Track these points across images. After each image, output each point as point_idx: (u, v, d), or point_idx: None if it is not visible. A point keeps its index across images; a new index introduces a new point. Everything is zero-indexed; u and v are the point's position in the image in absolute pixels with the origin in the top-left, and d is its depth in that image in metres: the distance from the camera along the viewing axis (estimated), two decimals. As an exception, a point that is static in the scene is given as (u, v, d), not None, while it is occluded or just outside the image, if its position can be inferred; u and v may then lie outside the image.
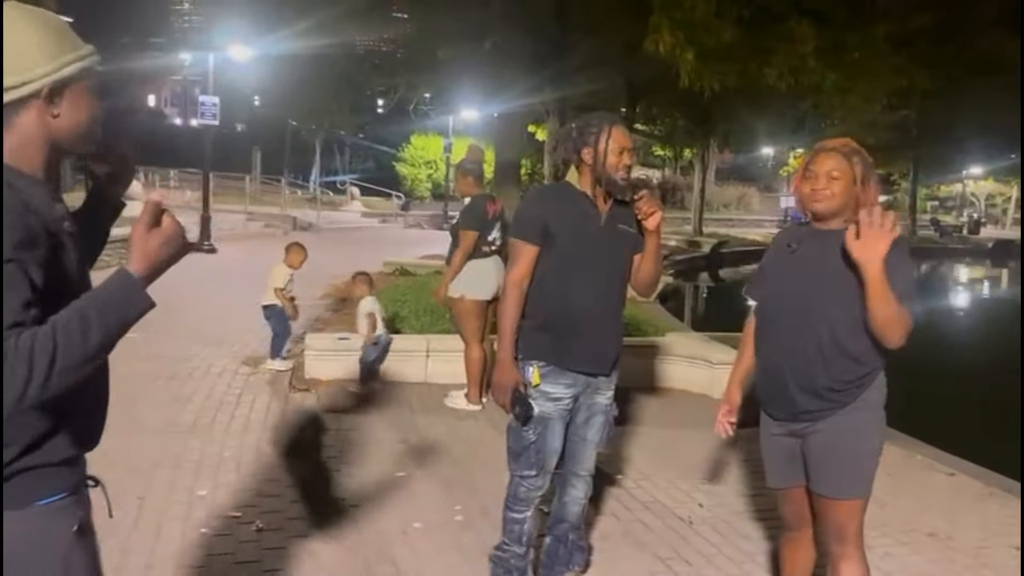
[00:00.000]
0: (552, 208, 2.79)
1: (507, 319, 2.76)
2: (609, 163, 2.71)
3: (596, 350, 2.79)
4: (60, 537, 1.48)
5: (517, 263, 2.78)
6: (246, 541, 3.37)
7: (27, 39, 1.34)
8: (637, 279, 2.91)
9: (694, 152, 26.56)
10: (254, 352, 6.63)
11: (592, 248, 2.76)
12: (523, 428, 2.76)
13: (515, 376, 2.74)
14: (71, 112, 1.42)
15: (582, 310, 2.74)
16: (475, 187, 5.48)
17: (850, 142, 2.43)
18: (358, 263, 11.85)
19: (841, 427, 2.38)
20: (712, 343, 6.54)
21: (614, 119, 2.83)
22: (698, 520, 3.83)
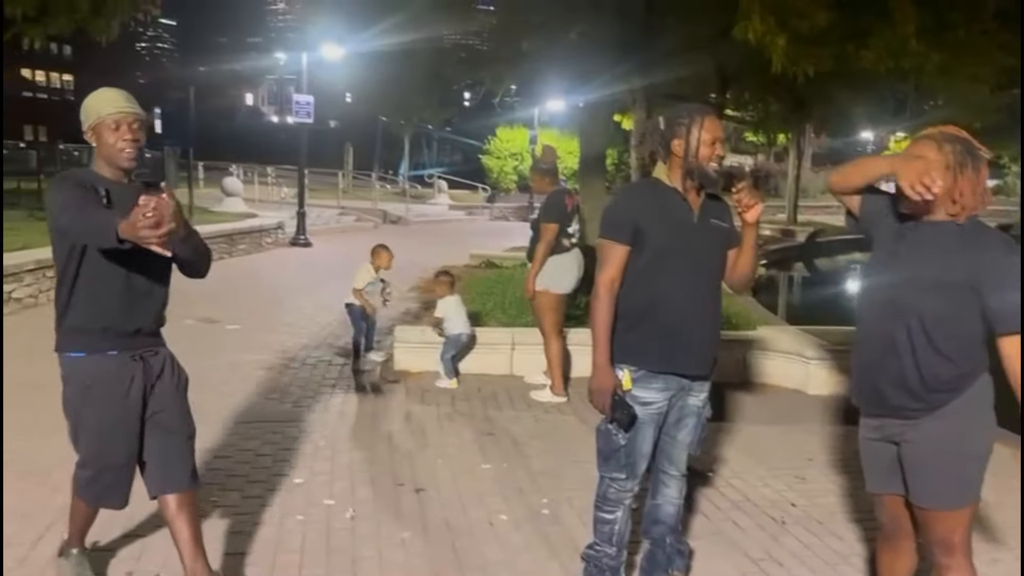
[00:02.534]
0: (642, 206, 2.70)
1: (600, 322, 2.68)
2: (702, 154, 2.62)
3: (691, 352, 2.70)
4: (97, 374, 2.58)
5: (608, 264, 2.70)
6: (340, 528, 3.48)
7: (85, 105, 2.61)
8: (733, 275, 2.80)
9: (788, 138, 25.68)
10: (347, 344, 6.82)
11: (685, 245, 2.66)
12: (613, 431, 2.71)
13: (613, 380, 2.67)
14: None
15: (676, 311, 2.66)
16: (550, 185, 5.63)
17: (948, 129, 2.30)
18: (446, 256, 12.05)
19: (940, 433, 2.27)
20: (807, 337, 6.34)
21: (705, 109, 2.75)
22: (791, 520, 3.73)
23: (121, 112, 2.55)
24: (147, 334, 2.67)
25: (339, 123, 36.13)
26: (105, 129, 2.54)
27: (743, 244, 2.75)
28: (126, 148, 2.54)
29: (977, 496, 2.31)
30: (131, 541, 3.27)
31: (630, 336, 2.70)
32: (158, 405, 2.69)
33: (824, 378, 5.84)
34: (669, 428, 2.82)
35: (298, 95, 15.67)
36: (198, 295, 9.24)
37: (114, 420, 2.59)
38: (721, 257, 2.78)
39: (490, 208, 27.55)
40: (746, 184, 2.63)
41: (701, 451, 2.97)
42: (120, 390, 2.58)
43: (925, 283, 2.23)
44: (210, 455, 4.27)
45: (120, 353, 2.58)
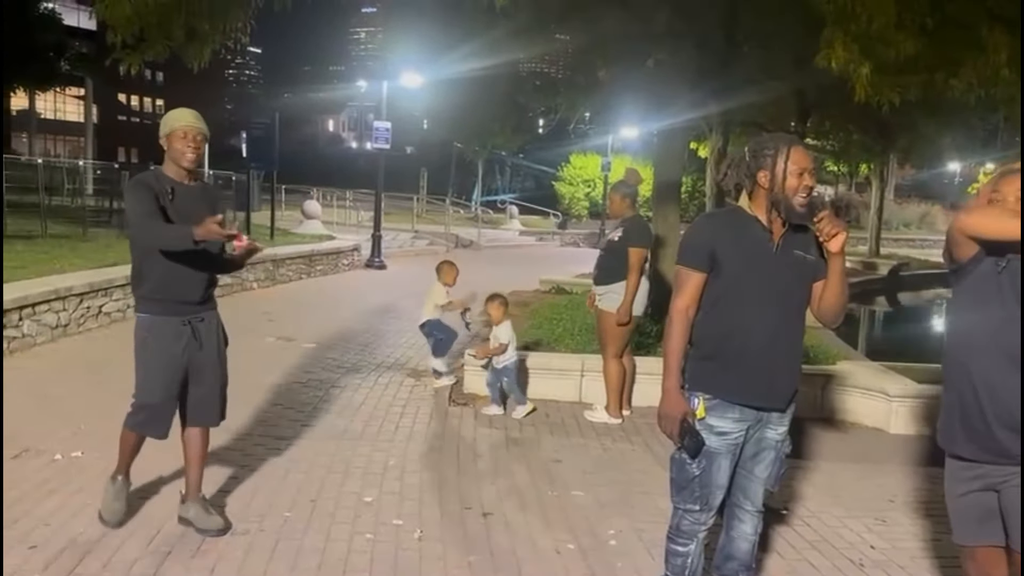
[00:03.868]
0: (720, 234, 2.66)
1: (673, 347, 2.66)
2: (789, 186, 2.56)
3: (767, 383, 2.63)
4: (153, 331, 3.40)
5: (683, 291, 2.67)
6: (407, 549, 3.49)
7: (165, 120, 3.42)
8: (822, 307, 2.71)
9: (871, 168, 24.97)
10: (418, 366, 6.90)
11: (763, 275, 2.61)
12: (687, 461, 2.66)
13: (682, 406, 2.63)
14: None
15: (753, 341, 2.60)
16: (630, 209, 5.63)
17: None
18: (516, 281, 12.10)
19: None
20: (889, 374, 6.12)
21: (792, 139, 2.69)
22: (869, 563, 3.58)
23: (190, 125, 3.38)
24: (196, 303, 3.47)
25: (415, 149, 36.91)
26: (176, 138, 3.37)
27: (830, 275, 2.65)
28: (188, 153, 3.38)
29: None
30: (207, 551, 3.35)
31: (706, 364, 2.66)
32: (201, 362, 3.49)
33: (907, 417, 5.62)
34: (745, 462, 2.76)
35: (377, 122, 16.05)
36: (278, 314, 9.55)
37: (160, 367, 3.40)
38: (805, 289, 2.70)
39: (561, 234, 27.57)
40: (828, 212, 2.55)
41: (777, 488, 2.88)
42: (168, 345, 3.39)
43: (1007, 322, 2.15)
44: (283, 470, 4.36)
45: (172, 318, 3.40)
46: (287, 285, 12.29)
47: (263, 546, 3.44)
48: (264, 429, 5.07)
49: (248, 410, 5.40)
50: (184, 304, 3.43)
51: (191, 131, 3.38)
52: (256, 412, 5.43)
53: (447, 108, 28.10)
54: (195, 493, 3.59)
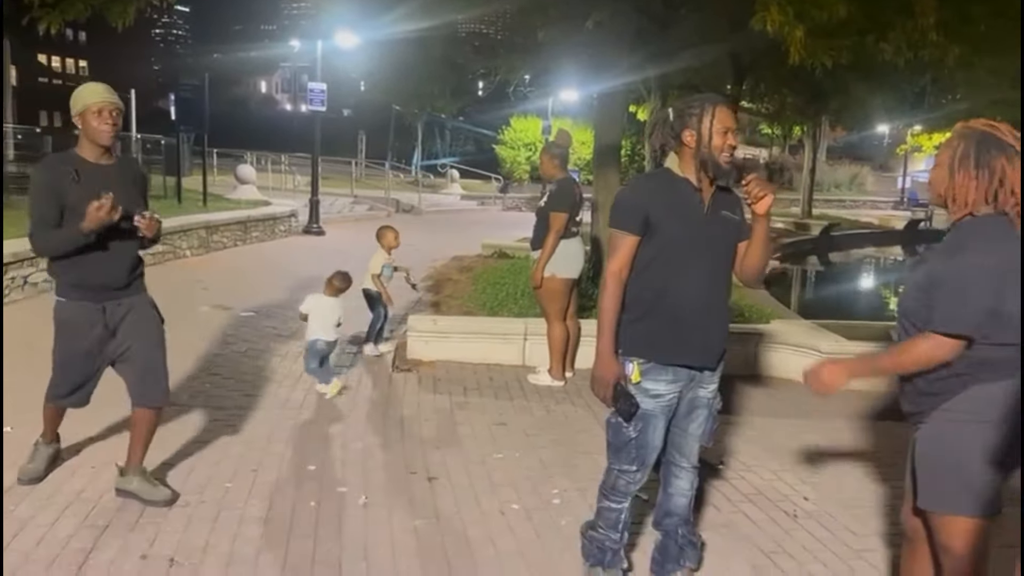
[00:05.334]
0: (652, 196, 2.68)
1: (607, 311, 2.68)
2: (714, 145, 2.59)
3: (700, 343, 2.69)
4: (66, 318, 3.38)
5: (617, 254, 2.68)
6: (352, 515, 3.49)
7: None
8: (744, 267, 2.77)
9: (804, 130, 25.48)
10: (360, 333, 6.84)
11: (695, 237, 2.64)
12: (623, 424, 2.71)
13: (615, 370, 2.66)
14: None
15: (685, 302, 2.64)
16: (560, 170, 5.66)
17: (973, 123, 2.25)
18: (458, 245, 12.06)
19: (927, 435, 2.28)
20: (820, 331, 6.32)
21: (716, 98, 2.71)
22: (803, 514, 3.72)
23: (104, 101, 3.24)
24: (117, 289, 3.39)
25: (353, 112, 36.17)
26: (90, 115, 3.24)
27: (753, 236, 2.71)
28: (105, 130, 3.25)
29: (979, 510, 2.22)
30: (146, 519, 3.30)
31: (639, 327, 2.69)
32: (127, 346, 3.44)
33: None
34: (680, 420, 2.82)
35: (312, 83, 15.66)
36: (212, 282, 9.32)
37: (73, 351, 3.39)
38: (731, 249, 2.75)
39: (502, 198, 27.53)
40: (756, 175, 2.60)
41: (712, 444, 2.96)
42: (79, 335, 3.37)
43: (911, 284, 2.28)
44: (224, 441, 4.30)
45: (89, 304, 3.35)
46: (221, 252, 12.01)
47: (204, 517, 3.40)
48: (203, 400, 4.98)
49: (185, 380, 5.29)
50: (103, 290, 3.36)
51: (106, 107, 3.24)
52: (194, 382, 5.33)
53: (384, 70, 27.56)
54: (137, 466, 3.53)
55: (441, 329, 6.23)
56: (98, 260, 3.28)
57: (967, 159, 2.18)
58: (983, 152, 2.18)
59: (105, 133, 3.26)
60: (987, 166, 2.17)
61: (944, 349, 2.15)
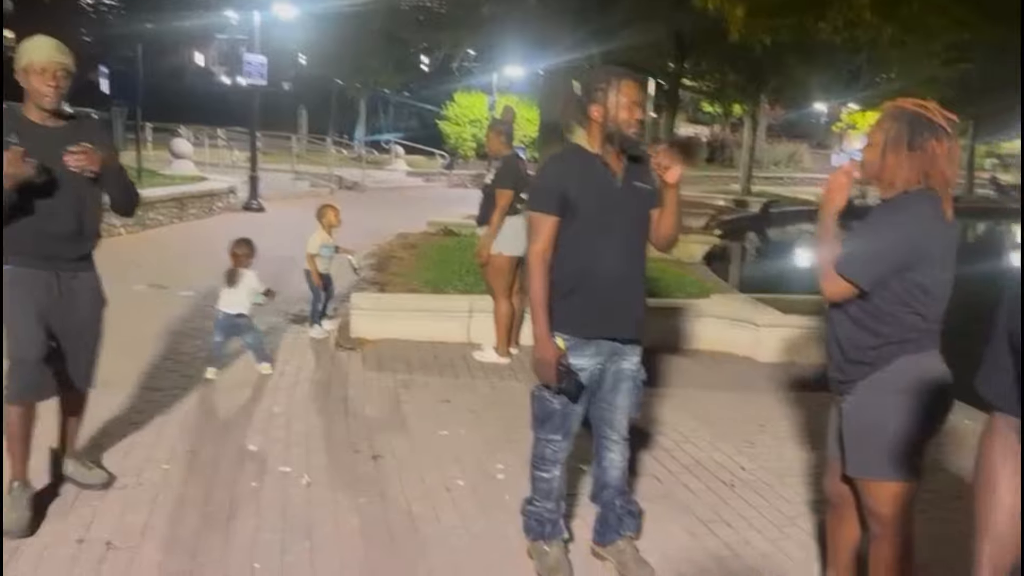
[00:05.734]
0: (568, 176, 2.69)
1: (538, 294, 2.69)
2: (621, 119, 2.62)
3: (620, 316, 2.75)
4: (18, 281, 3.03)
5: (539, 236, 2.69)
6: (295, 495, 3.47)
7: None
8: (657, 234, 2.83)
9: (744, 108, 25.88)
10: (302, 311, 6.75)
11: (611, 211, 2.69)
12: (548, 396, 2.77)
13: (556, 350, 2.69)
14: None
15: (604, 277, 2.69)
16: (506, 147, 5.67)
17: (904, 102, 2.31)
18: (403, 223, 11.94)
19: (855, 404, 2.36)
20: (758, 305, 6.46)
21: (622, 72, 2.73)
22: (740, 483, 3.83)
23: (49, 61, 2.95)
24: (67, 259, 3.16)
25: (293, 85, 35.36)
26: (33, 74, 2.95)
27: (665, 205, 2.76)
28: (47, 92, 2.96)
29: (905, 475, 2.32)
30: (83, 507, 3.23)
31: (562, 305, 2.72)
32: (71, 322, 3.19)
33: (773, 345, 5.97)
34: (606, 395, 2.87)
35: (249, 55, 15.25)
36: (148, 260, 9.06)
37: (28, 318, 3.03)
38: (646, 219, 2.81)
39: (448, 175, 27.35)
40: (665, 147, 2.65)
41: (640, 415, 3.03)
42: (35, 296, 3.06)
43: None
44: (160, 422, 4.21)
45: (40, 271, 3.08)
46: (157, 230, 11.69)
47: (141, 499, 3.33)
48: (139, 380, 4.86)
49: (121, 361, 5.14)
50: (53, 259, 3.10)
51: (51, 67, 2.94)
52: (130, 363, 5.19)
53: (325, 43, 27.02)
54: (71, 449, 3.44)
55: (385, 307, 6.19)
56: (51, 226, 3.04)
57: (900, 140, 2.23)
58: (916, 134, 2.22)
59: (47, 96, 2.96)
60: (920, 148, 2.22)
61: (836, 288, 2.24)
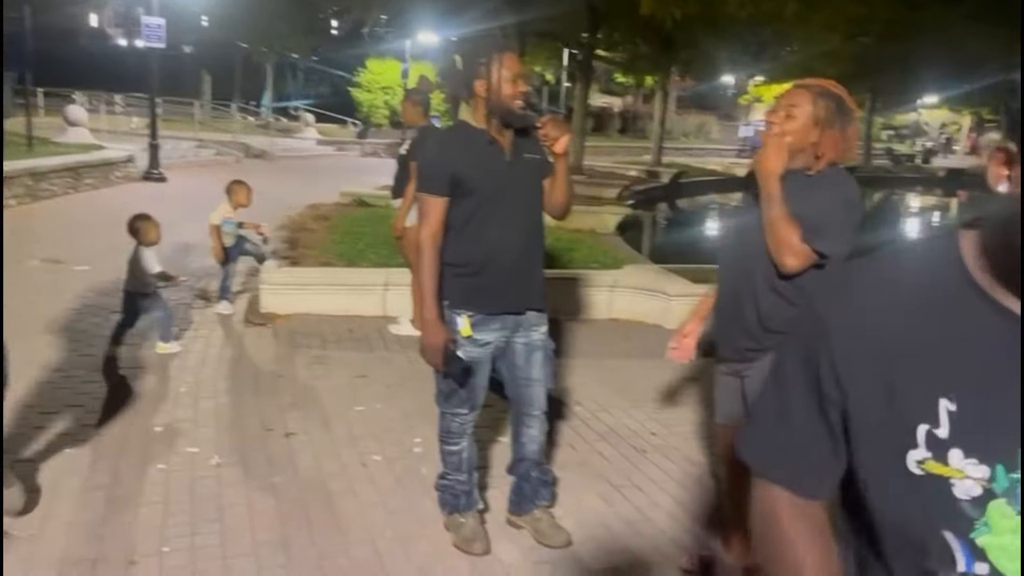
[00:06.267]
0: (455, 155, 2.68)
1: (427, 277, 2.67)
2: (505, 93, 2.61)
3: (524, 288, 2.78)
4: None
5: (429, 218, 2.67)
6: (205, 476, 3.39)
7: None
8: (551, 204, 2.86)
9: (655, 80, 26.24)
10: (208, 285, 6.54)
11: (503, 186, 2.69)
12: (447, 377, 2.79)
13: (443, 335, 2.68)
14: None
15: (505, 252, 2.71)
16: (422, 117, 5.57)
17: (827, 83, 2.39)
18: (314, 193, 11.67)
19: (767, 369, 2.44)
20: (668, 275, 6.62)
21: (503, 45, 2.73)
22: (651, 448, 3.95)
23: None
24: None
25: (195, 49, 33.87)
26: None
27: (556, 175, 2.80)
28: None
29: None
30: None
31: (464, 283, 2.73)
32: None
33: (683, 314, 6.10)
34: (520, 370, 2.89)
35: (147, 17, 14.51)
36: (42, 234, 8.59)
37: None
38: (539, 190, 2.83)
39: (361, 143, 26.82)
40: (550, 117, 2.68)
41: (555, 386, 3.07)
42: None
43: (761, 228, 2.36)
44: (59, 405, 4.03)
45: None
46: (51, 201, 11.08)
47: (43, 485, 3.19)
48: (36, 361, 4.63)
49: (15, 341, 4.88)
50: None
51: None
52: (24, 343, 4.92)
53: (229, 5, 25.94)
54: None
55: (297, 281, 6.07)
56: None
57: (833, 118, 2.33)
58: (843, 114, 2.35)
59: None
60: (845, 127, 2.35)
61: (802, 262, 2.28)
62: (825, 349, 0.94)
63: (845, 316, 0.93)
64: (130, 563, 2.75)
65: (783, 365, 1.05)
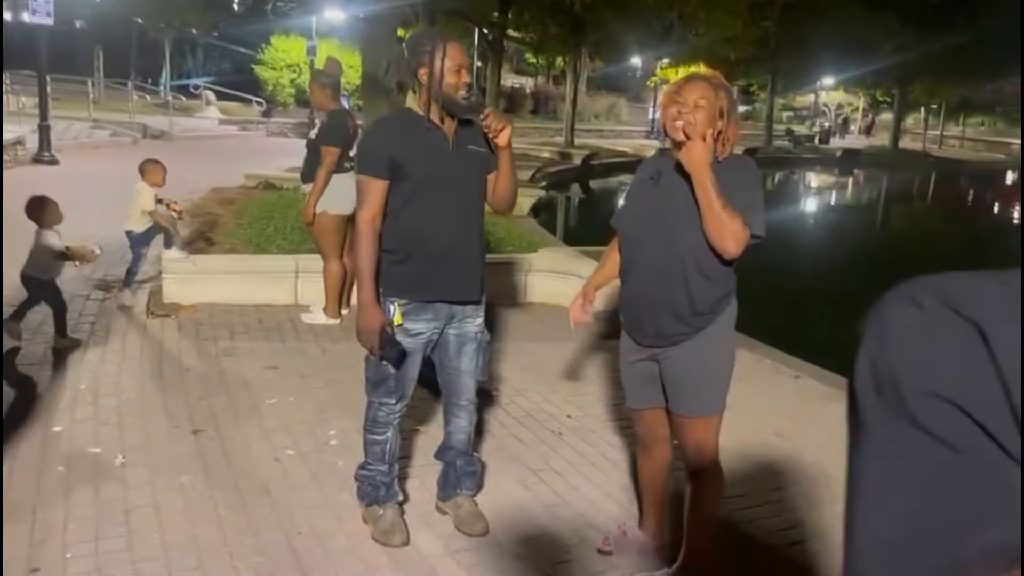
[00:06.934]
0: (395, 139, 2.69)
1: (364, 260, 2.68)
2: (447, 83, 2.62)
3: (457, 279, 2.77)
4: None
5: (368, 200, 2.68)
6: (109, 478, 3.25)
7: None
8: (495, 197, 2.87)
9: (566, 61, 26.40)
10: (106, 276, 6.24)
11: (443, 174, 2.69)
12: (383, 361, 2.76)
13: (380, 318, 2.69)
14: None
15: (440, 240, 2.70)
16: (332, 101, 5.44)
17: (719, 75, 2.50)
18: (218, 176, 11.27)
19: (697, 349, 2.52)
20: (582, 258, 6.69)
21: (446, 35, 2.75)
22: (567, 431, 4.00)
23: None
24: None
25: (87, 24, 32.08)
26: None
27: (500, 168, 2.80)
28: None
29: (724, 404, 2.59)
30: None
31: (398, 269, 2.73)
32: None
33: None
34: (451, 360, 2.90)
35: (33, -11, 13.63)
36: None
37: None
38: (481, 182, 2.83)
39: (266, 123, 26.05)
40: (492, 110, 2.69)
41: (486, 377, 3.07)
42: None
43: (690, 216, 2.40)
44: (-55, 408, 3.78)
45: None
46: None
47: (-74, 498, 2.99)
48: (-86, 362, 4.33)
49: None
50: None
51: None
52: (-99, 343, 4.61)
53: (122, -23, 24.64)
54: None
55: (202, 269, 5.84)
56: None
57: (731, 106, 2.45)
58: (734, 101, 2.49)
59: None
60: (737, 113, 2.51)
61: (743, 243, 2.35)
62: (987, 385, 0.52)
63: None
64: (32, 571, 2.62)
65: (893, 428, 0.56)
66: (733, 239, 2.33)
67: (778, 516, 3.26)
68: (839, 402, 4.61)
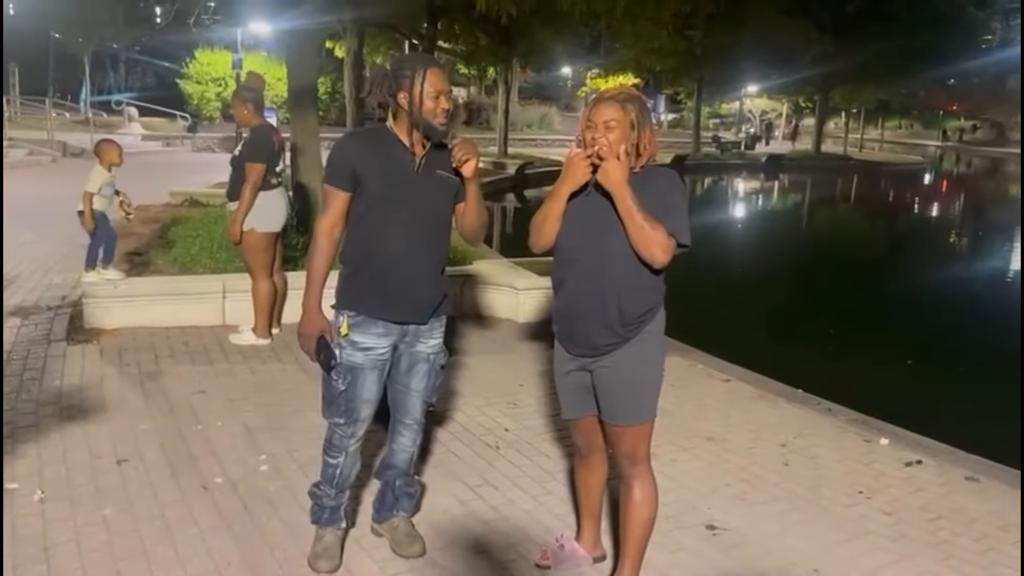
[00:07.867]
0: (361, 153, 2.69)
1: (316, 267, 2.71)
2: (426, 108, 2.62)
3: (407, 300, 2.74)
4: None
5: (328, 210, 2.71)
6: (26, 515, 3.10)
7: None
8: (463, 227, 2.86)
9: (497, 71, 26.53)
10: (24, 301, 5.98)
11: (404, 195, 2.68)
12: (333, 377, 2.74)
13: (320, 324, 2.70)
14: None
15: (394, 257, 2.69)
16: (254, 117, 5.33)
17: (626, 89, 2.56)
18: (142, 193, 10.88)
19: (628, 359, 2.54)
20: (517, 269, 6.71)
21: (429, 61, 2.75)
22: (504, 444, 3.99)
23: None
24: None
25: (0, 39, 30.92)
26: None
27: (467, 198, 2.79)
28: None
29: (655, 412, 2.62)
30: None
31: (351, 282, 2.74)
32: None
33: (532, 307, 6.25)
34: (401, 377, 2.87)
35: (-63, 3, 13.05)
36: None
37: None
38: (447, 207, 2.81)
39: (192, 138, 25.43)
40: (461, 139, 2.69)
41: (436, 399, 3.04)
42: None
43: (618, 231, 2.44)
44: None
45: None
46: None
47: None
48: None
49: None
50: None
51: None
52: None
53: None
54: None
55: (125, 292, 5.65)
56: None
57: (643, 118, 2.48)
58: (646, 110, 2.52)
59: None
60: (650, 121, 2.54)
61: (671, 251, 2.41)
62: None
63: None
64: (-63, 623, 2.47)
65: None
66: (660, 248, 2.39)
67: (710, 519, 3.31)
68: (768, 403, 4.75)
